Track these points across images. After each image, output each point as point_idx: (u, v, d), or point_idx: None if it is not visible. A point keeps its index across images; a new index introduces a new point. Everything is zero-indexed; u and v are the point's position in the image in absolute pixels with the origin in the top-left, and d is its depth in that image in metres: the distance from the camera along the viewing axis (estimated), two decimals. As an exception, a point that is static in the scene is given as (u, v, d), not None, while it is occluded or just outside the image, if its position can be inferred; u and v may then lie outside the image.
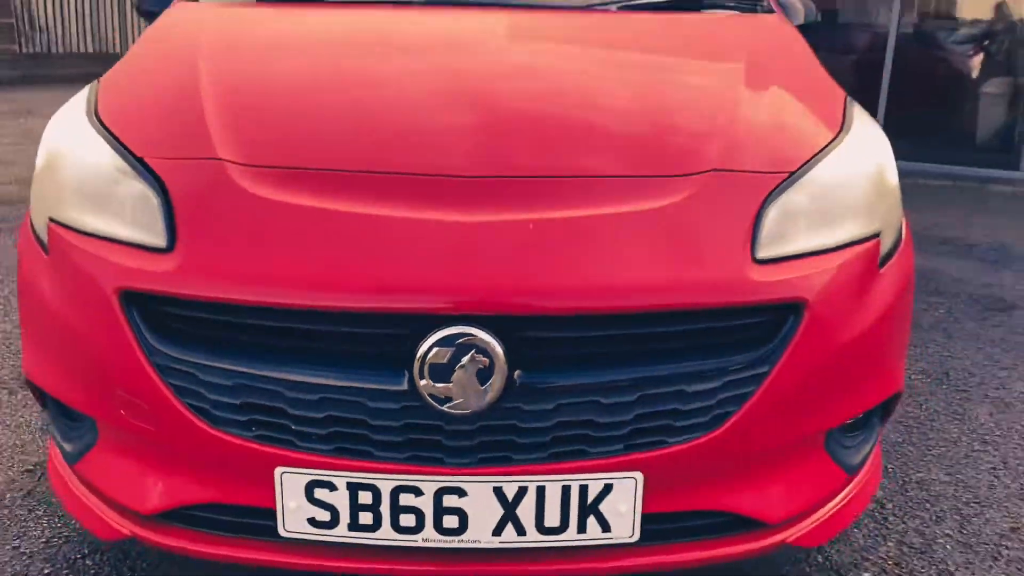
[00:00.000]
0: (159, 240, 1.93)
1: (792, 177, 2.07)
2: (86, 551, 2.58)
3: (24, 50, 18.69)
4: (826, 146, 2.20)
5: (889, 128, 8.12)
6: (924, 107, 9.97)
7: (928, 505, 2.93)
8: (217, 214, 1.95)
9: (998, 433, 3.46)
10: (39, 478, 2.94)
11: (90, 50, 20.15)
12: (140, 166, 2.04)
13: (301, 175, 2.00)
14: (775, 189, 2.03)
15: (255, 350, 1.87)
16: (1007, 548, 2.71)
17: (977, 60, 9.93)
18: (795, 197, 2.04)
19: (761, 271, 1.91)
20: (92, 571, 2.50)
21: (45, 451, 3.10)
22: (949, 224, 7.20)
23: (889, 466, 3.15)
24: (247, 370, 1.84)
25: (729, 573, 2.52)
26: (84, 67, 19.86)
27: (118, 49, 20.80)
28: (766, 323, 1.92)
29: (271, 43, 2.73)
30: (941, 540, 2.75)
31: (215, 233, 1.93)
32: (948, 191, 8.83)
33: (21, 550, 2.58)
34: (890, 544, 2.72)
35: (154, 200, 1.98)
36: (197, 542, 2.04)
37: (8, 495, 2.85)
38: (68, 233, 2.04)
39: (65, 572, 2.50)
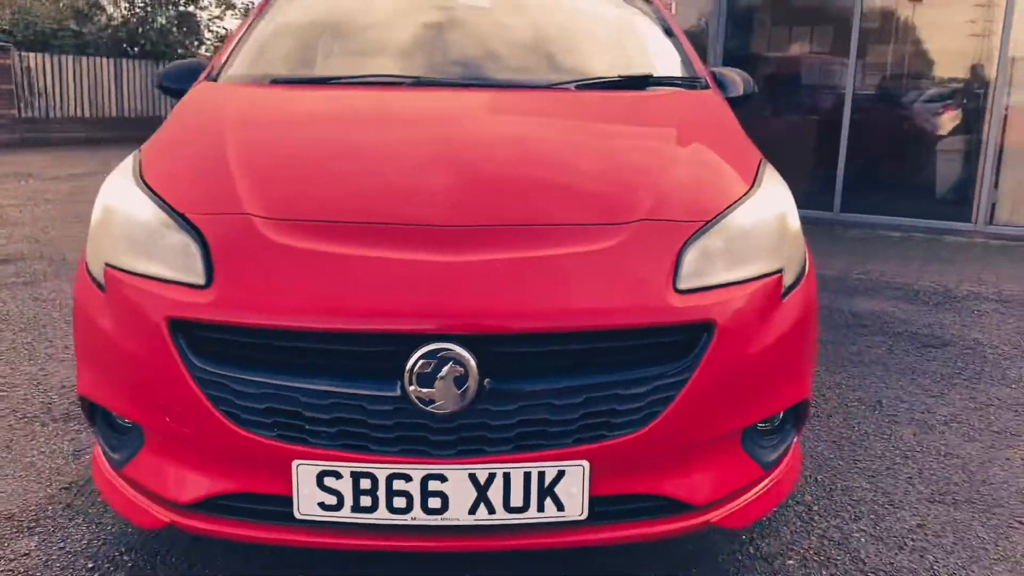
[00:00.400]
0: (199, 279, 2.38)
1: (708, 225, 2.55)
2: (123, 549, 2.99)
3: (23, 114, 19.13)
4: (739, 199, 2.69)
5: (848, 184, 8.59)
6: (883, 164, 10.58)
7: (849, 507, 3.38)
8: (245, 257, 2.40)
9: (918, 449, 3.92)
10: (75, 494, 3.35)
11: (86, 115, 20.63)
12: (182, 220, 2.51)
13: (314, 226, 2.46)
14: (693, 235, 2.51)
15: (276, 365, 2.30)
16: (912, 540, 3.15)
17: (934, 120, 10.47)
18: (711, 240, 2.52)
19: (680, 299, 2.37)
20: (129, 565, 2.91)
21: (78, 472, 3.52)
22: (902, 272, 7.74)
23: (819, 476, 3.61)
24: (270, 381, 2.28)
25: (676, 563, 2.97)
26: (81, 131, 20.43)
27: (114, 113, 21.31)
28: (685, 340, 2.38)
29: (285, 118, 3.23)
30: (857, 534, 3.19)
31: (244, 272, 2.38)
32: (905, 242, 9.39)
33: (66, 550, 2.99)
34: (813, 538, 3.16)
35: (194, 247, 2.43)
36: (226, 526, 2.45)
37: (50, 507, 3.26)
38: (123, 275, 2.49)
39: (106, 566, 2.90)
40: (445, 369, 2.21)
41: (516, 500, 2.32)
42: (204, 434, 2.35)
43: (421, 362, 2.21)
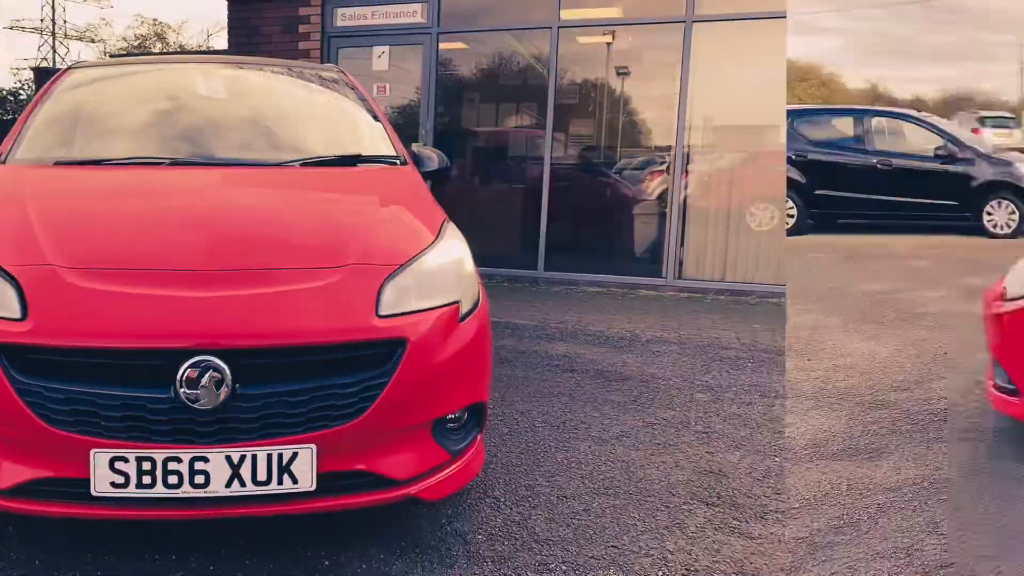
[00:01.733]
0: (16, 314, 3.01)
1: (401, 268, 3.40)
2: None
3: None
4: (425, 249, 3.57)
5: (551, 245, 9.49)
6: (583, 227, 11.79)
7: (531, 499, 4.23)
8: (52, 297, 3.05)
9: (591, 457, 4.85)
10: None
11: None
12: None
13: (104, 272, 3.16)
14: (390, 275, 3.35)
15: (78, 377, 2.94)
16: (577, 520, 4.02)
17: (628, 187, 11.69)
18: (404, 279, 3.37)
19: (381, 322, 3.21)
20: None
21: None
22: (596, 321, 8.83)
23: (507, 478, 4.45)
24: (73, 389, 2.92)
25: (388, 539, 3.71)
26: None
27: None
28: (384, 353, 3.19)
29: (71, 190, 3.95)
30: (534, 516, 4.03)
31: (51, 308, 3.03)
32: (604, 296, 10.59)
33: None
34: (499, 520, 3.97)
35: (10, 290, 3.06)
36: (37, 505, 3.06)
37: None
38: None
39: None
40: (206, 377, 2.90)
41: (261, 475, 3.02)
42: (21, 432, 2.95)
43: (188, 371, 2.90)
